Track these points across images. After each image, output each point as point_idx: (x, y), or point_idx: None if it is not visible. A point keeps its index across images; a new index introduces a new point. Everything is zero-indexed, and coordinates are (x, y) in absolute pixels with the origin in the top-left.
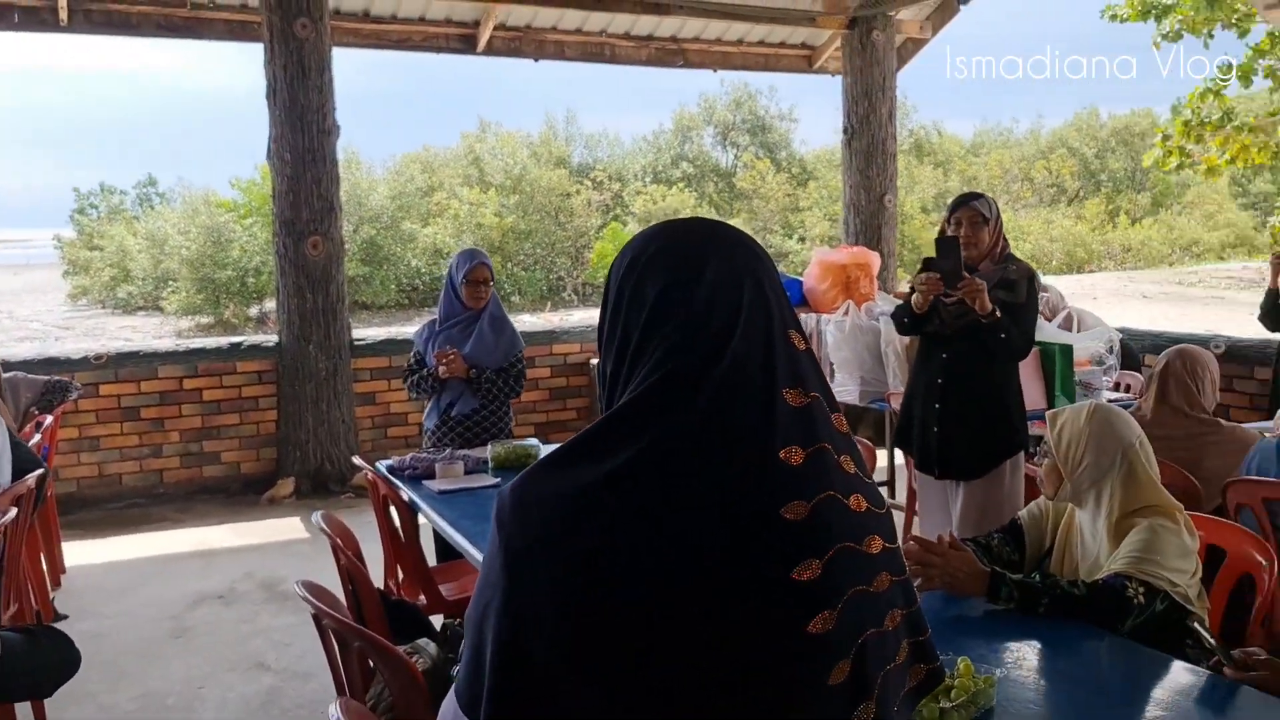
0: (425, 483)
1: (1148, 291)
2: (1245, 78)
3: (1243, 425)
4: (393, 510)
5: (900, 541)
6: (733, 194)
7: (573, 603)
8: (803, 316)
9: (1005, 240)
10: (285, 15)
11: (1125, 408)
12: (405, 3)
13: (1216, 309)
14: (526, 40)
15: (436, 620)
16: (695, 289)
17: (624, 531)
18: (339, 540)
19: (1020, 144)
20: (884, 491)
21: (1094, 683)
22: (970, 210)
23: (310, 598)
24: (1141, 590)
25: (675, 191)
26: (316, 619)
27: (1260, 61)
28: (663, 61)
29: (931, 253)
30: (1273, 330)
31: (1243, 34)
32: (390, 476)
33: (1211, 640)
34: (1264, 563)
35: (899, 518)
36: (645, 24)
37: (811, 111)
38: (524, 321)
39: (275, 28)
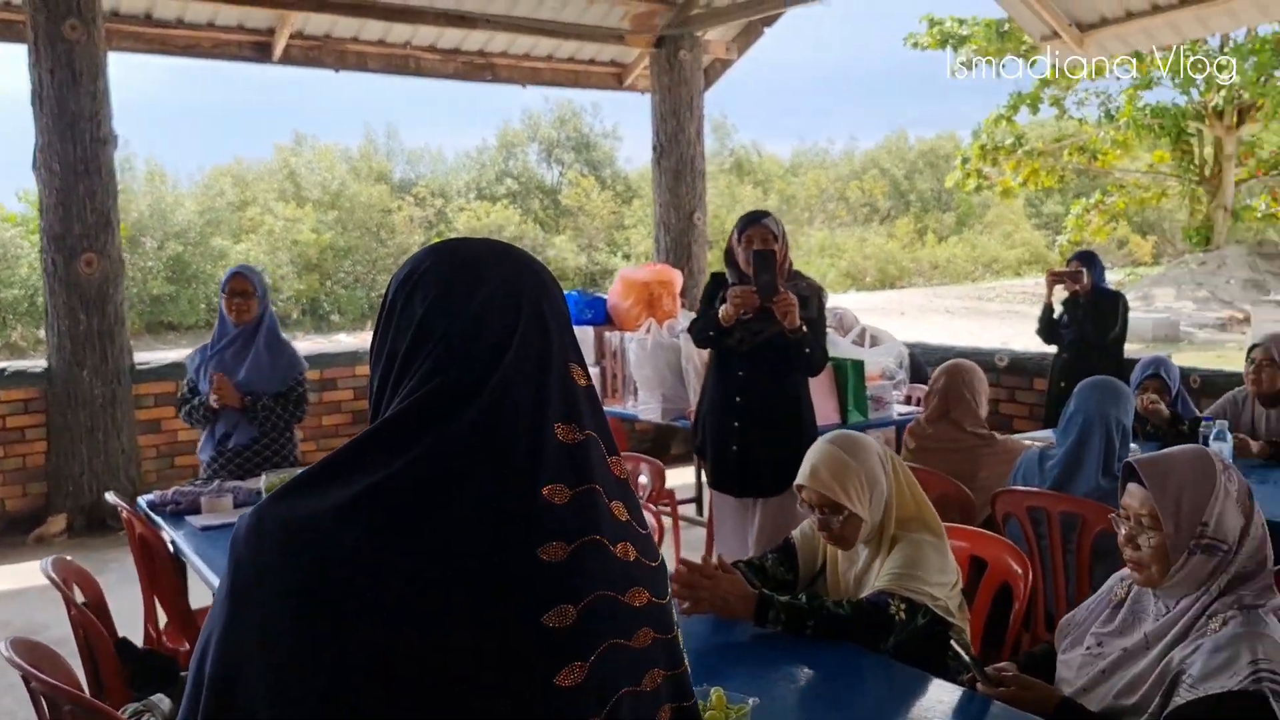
0: (189, 519)
1: (951, 307)
2: (1033, 106)
3: (1014, 437)
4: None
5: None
6: (558, 211)
7: (280, 642)
8: (607, 335)
9: (789, 258)
10: (52, 16)
11: (912, 420)
12: (192, 7)
13: (1011, 322)
14: (326, 50)
15: None
16: (468, 303)
17: (354, 563)
18: (75, 587)
19: (836, 164)
20: (691, 510)
21: (852, 705)
22: (761, 228)
23: (16, 657)
24: (903, 606)
25: (500, 208)
26: (25, 680)
27: (1046, 91)
28: (470, 75)
29: (720, 269)
30: (1048, 343)
31: (1032, 64)
32: (150, 513)
33: (967, 656)
34: (1019, 571)
35: (700, 535)
36: (451, 37)
37: (635, 130)
38: (340, 342)
39: (40, 28)
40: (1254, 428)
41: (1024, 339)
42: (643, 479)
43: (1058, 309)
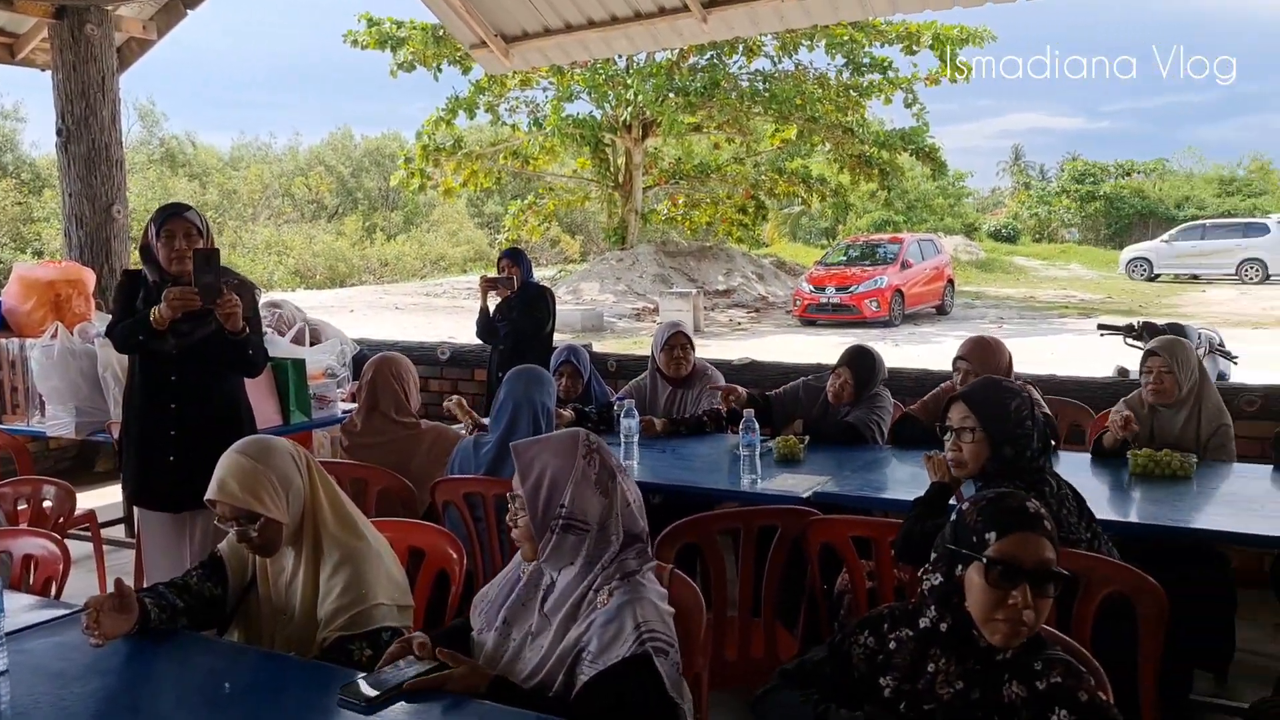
0: None
1: (400, 303)
2: (470, 111)
3: (439, 424)
4: None
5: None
6: None
7: None
8: (2, 342)
9: None
10: None
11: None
12: None
13: (456, 316)
14: None
15: None
16: None
17: None
18: None
19: (280, 159)
20: (121, 531)
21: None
22: (183, 222)
23: None
24: (366, 648)
25: None
26: None
27: (481, 97)
28: None
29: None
30: (487, 342)
31: (465, 70)
32: None
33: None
34: (455, 556)
35: (129, 559)
36: None
37: (44, 111)
38: None
39: None
40: (664, 407)
41: (469, 332)
42: (47, 503)
43: (493, 311)
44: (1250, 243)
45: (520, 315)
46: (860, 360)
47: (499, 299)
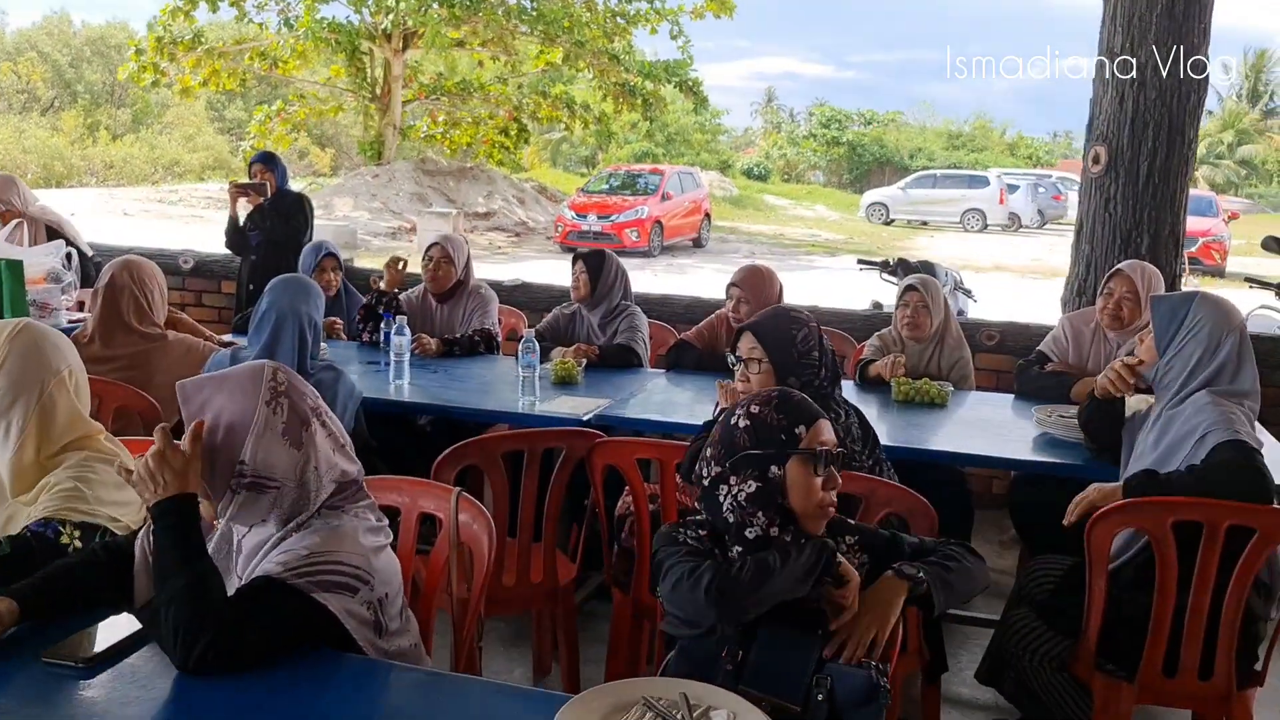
0: None
1: (129, 209)
2: (212, 3)
3: (188, 336)
4: None
5: None
6: None
7: None
8: None
9: None
10: None
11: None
12: None
13: (195, 226)
14: None
15: None
16: None
17: None
18: None
19: None
20: None
21: None
22: None
23: None
24: (77, 533)
25: None
26: None
27: None
28: None
29: None
30: (237, 253)
31: None
32: None
33: None
34: None
35: None
36: None
37: None
38: None
39: None
40: (431, 325)
41: (213, 243)
42: None
43: (243, 219)
44: (973, 194)
45: (275, 224)
46: (591, 255)
47: (250, 207)
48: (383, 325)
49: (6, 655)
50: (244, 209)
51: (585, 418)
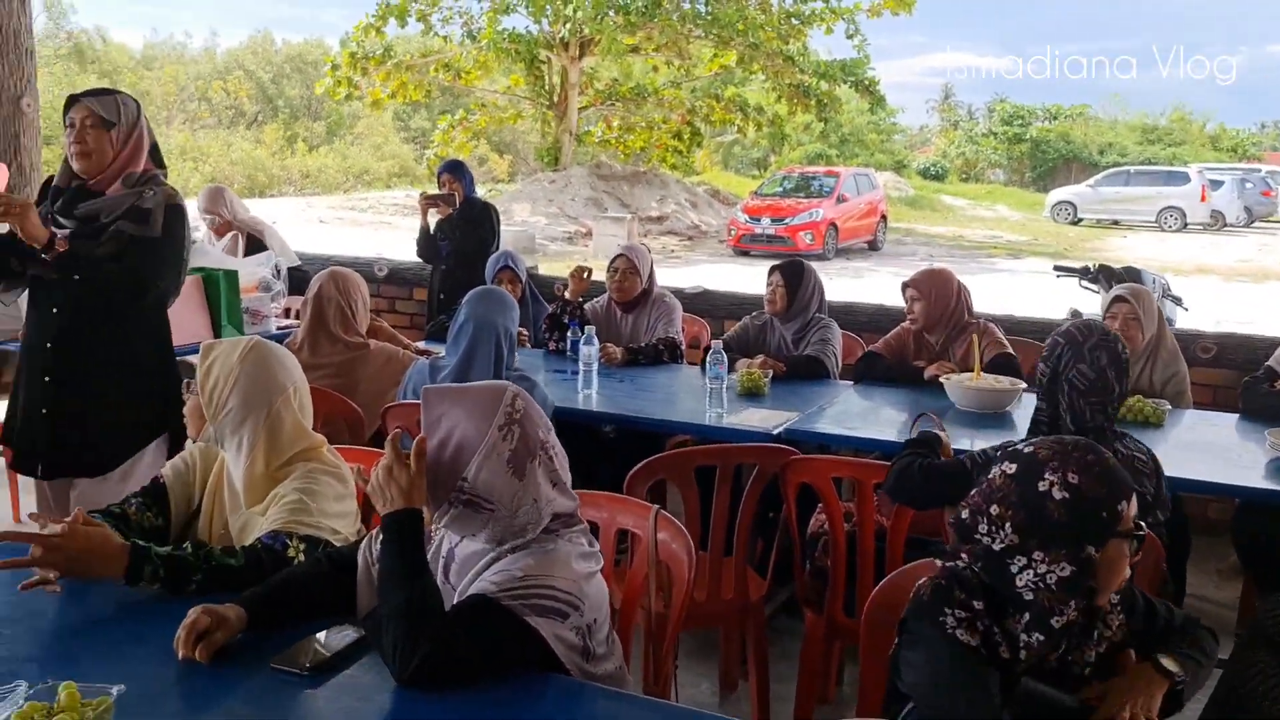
0: None
1: (324, 216)
2: (400, 17)
3: (389, 345)
4: None
5: None
6: None
7: None
8: None
9: (155, 163)
10: None
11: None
12: None
13: (384, 233)
14: None
15: None
16: None
17: None
18: None
19: (196, 61)
20: None
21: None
22: (82, 108)
23: None
24: (302, 546)
25: None
26: None
27: (414, 4)
28: None
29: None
30: (429, 261)
31: None
32: None
33: None
34: None
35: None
36: None
37: None
38: None
39: None
40: (615, 334)
41: (401, 249)
42: None
43: (433, 228)
44: (1171, 191)
45: (463, 233)
46: (789, 266)
47: (440, 217)
48: (569, 334)
49: (237, 660)
50: (434, 219)
51: (775, 431)
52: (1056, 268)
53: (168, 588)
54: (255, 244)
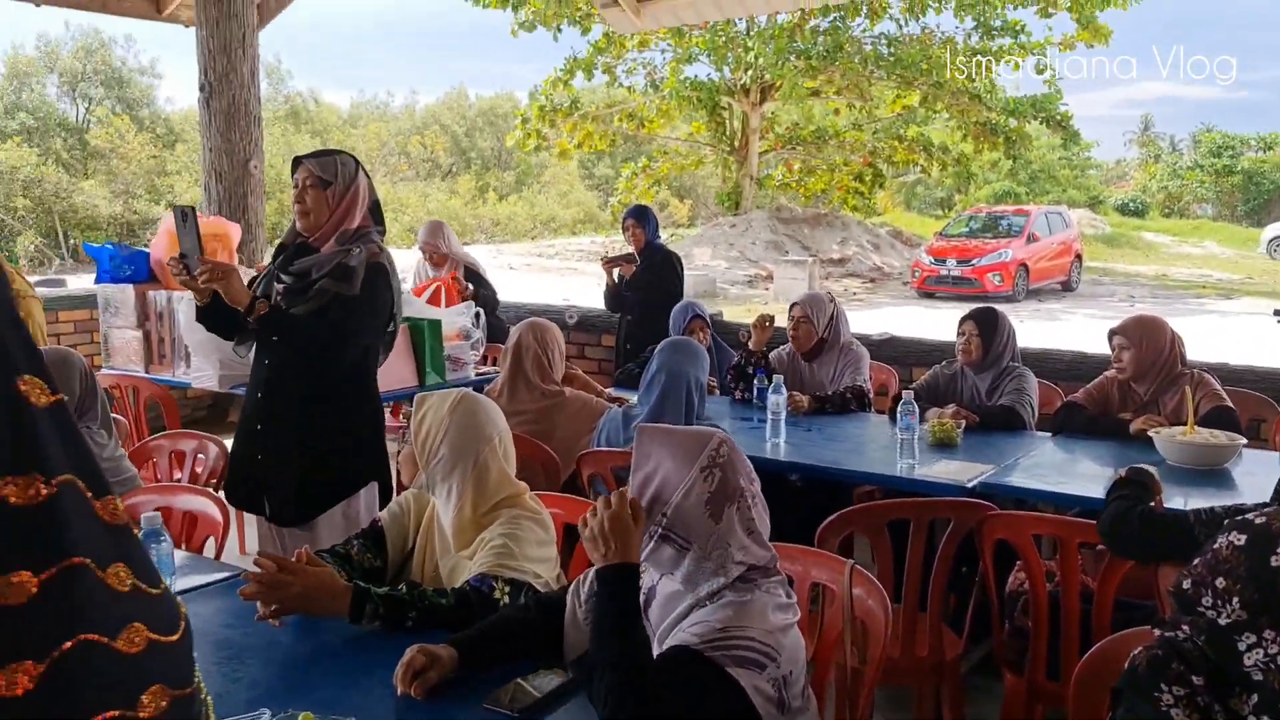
0: None
1: (514, 263)
2: (587, 71)
3: (584, 393)
4: None
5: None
6: (85, 152)
7: None
8: (151, 294)
9: (370, 219)
10: None
11: (495, 380)
12: None
13: (570, 279)
14: None
15: None
16: None
17: None
18: None
19: (397, 118)
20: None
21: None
22: (303, 170)
23: None
24: (507, 589)
25: (12, 146)
26: None
27: (600, 58)
28: None
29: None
30: (616, 312)
31: (585, 31)
32: None
33: None
34: None
35: None
36: None
37: (177, 67)
38: None
39: None
40: (801, 382)
41: (587, 294)
42: (204, 457)
43: (618, 282)
44: None
45: (648, 280)
46: (984, 314)
47: (624, 275)
48: (755, 381)
49: (450, 698)
50: (616, 274)
51: (969, 484)
52: (1277, 312)
53: (386, 625)
54: (471, 274)
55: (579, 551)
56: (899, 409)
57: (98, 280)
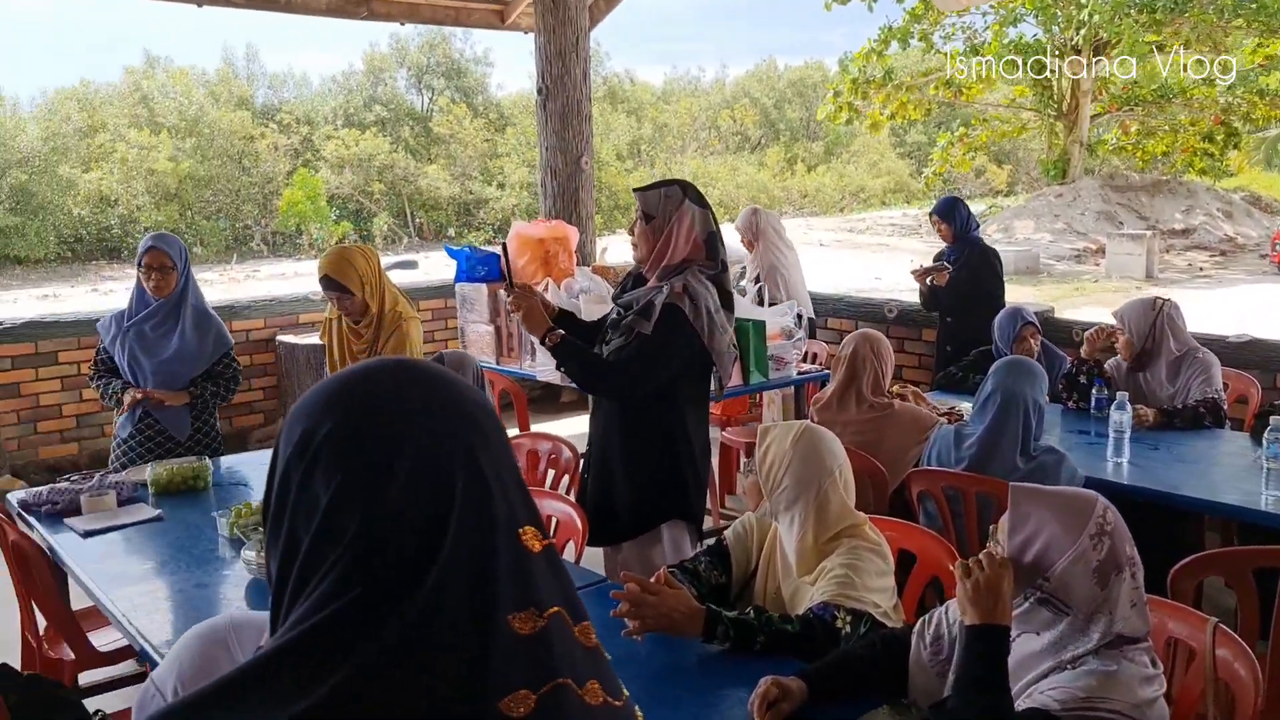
0: (69, 521)
1: (824, 239)
2: (903, 40)
3: (914, 406)
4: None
5: None
6: (429, 139)
7: None
8: (501, 293)
9: (703, 250)
10: None
11: (815, 379)
12: None
13: (882, 255)
14: None
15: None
16: (385, 488)
17: None
18: None
19: (707, 93)
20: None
21: None
22: (638, 202)
23: None
24: (849, 618)
25: (369, 136)
26: None
27: (915, 25)
28: (345, 12)
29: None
30: (934, 311)
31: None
32: (24, 514)
33: None
34: (946, 562)
35: None
36: None
37: (506, 56)
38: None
39: None
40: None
41: (898, 275)
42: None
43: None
44: None
45: (968, 288)
46: None
47: (939, 283)
48: (1094, 392)
49: None
50: (930, 283)
51: None
52: None
53: (735, 646)
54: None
55: (913, 579)
56: (1265, 435)
57: (456, 279)
